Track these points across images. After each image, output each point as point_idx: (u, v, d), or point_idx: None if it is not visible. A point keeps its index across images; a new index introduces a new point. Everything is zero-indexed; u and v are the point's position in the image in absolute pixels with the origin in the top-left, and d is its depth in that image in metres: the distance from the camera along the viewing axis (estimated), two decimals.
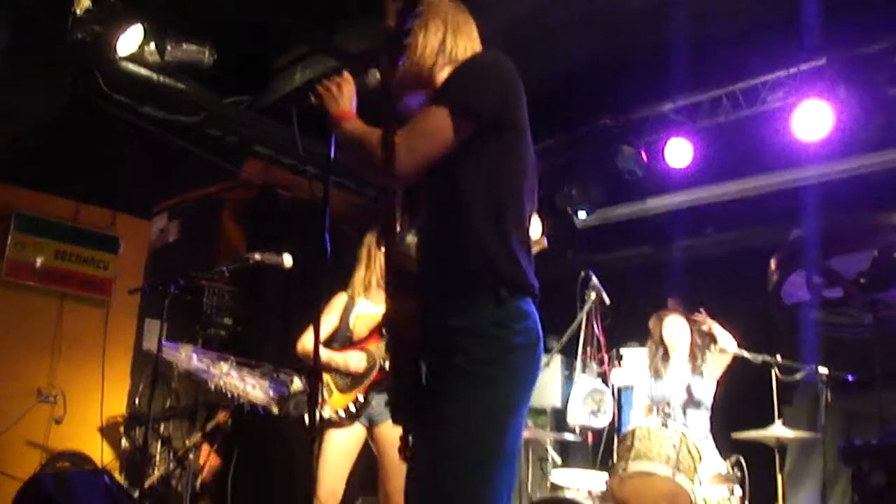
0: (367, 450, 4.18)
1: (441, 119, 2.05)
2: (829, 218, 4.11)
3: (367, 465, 4.27)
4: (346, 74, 2.28)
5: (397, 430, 3.99)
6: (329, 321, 4.24)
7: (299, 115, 2.37)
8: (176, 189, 6.45)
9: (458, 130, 2.04)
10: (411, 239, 2.11)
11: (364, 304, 4.25)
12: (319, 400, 4.03)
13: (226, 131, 5.82)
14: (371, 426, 4.07)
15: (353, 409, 4.01)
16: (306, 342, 4.19)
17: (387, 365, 3.98)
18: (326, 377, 4.09)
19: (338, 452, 3.98)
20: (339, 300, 4.27)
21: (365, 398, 4.02)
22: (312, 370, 2.27)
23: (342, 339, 4.18)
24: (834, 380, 4.39)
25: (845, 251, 2.26)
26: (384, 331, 3.98)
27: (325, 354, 4.08)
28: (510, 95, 2.13)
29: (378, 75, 2.30)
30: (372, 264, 4.25)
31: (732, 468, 4.33)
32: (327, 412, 4.00)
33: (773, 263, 2.43)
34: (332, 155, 2.20)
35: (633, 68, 5.67)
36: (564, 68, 5.56)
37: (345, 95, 2.23)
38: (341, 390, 4.03)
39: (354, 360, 4.07)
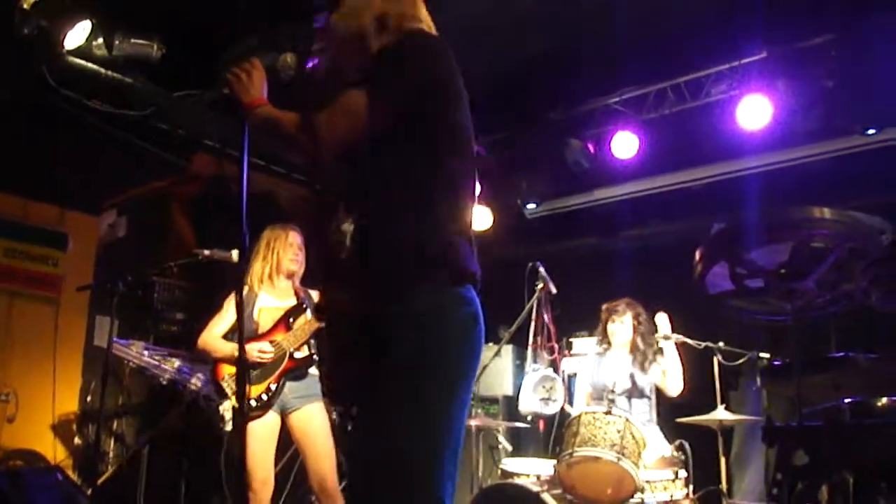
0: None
1: (361, 102, 2.05)
2: (750, 211, 4.24)
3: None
4: (256, 61, 2.31)
5: (313, 415, 4.09)
6: (228, 317, 4.25)
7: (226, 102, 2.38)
8: (125, 184, 6.40)
9: (378, 116, 2.04)
10: (347, 227, 2.11)
11: (265, 298, 4.27)
12: (230, 392, 4.06)
13: (175, 125, 5.81)
14: (284, 414, 4.11)
15: (265, 398, 4.03)
16: (206, 338, 4.23)
17: (296, 354, 4.12)
18: (234, 370, 4.07)
19: (258, 440, 3.99)
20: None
21: (277, 387, 4.06)
22: (238, 360, 2.31)
23: (248, 332, 4.15)
24: (766, 365, 4.55)
25: (765, 243, 2.35)
26: (314, 317, 4.06)
27: (231, 347, 4.13)
28: (438, 86, 2.10)
29: (290, 60, 2.33)
30: (270, 256, 4.29)
31: (676, 451, 4.44)
32: (234, 404, 4.00)
33: (697, 255, 2.52)
34: (246, 144, 2.22)
35: (581, 62, 5.76)
36: (513, 63, 5.63)
37: (255, 83, 2.27)
38: (252, 382, 4.03)
39: (261, 351, 4.08)
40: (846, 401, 2.51)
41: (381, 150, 2.06)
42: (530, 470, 4.59)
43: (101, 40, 5.10)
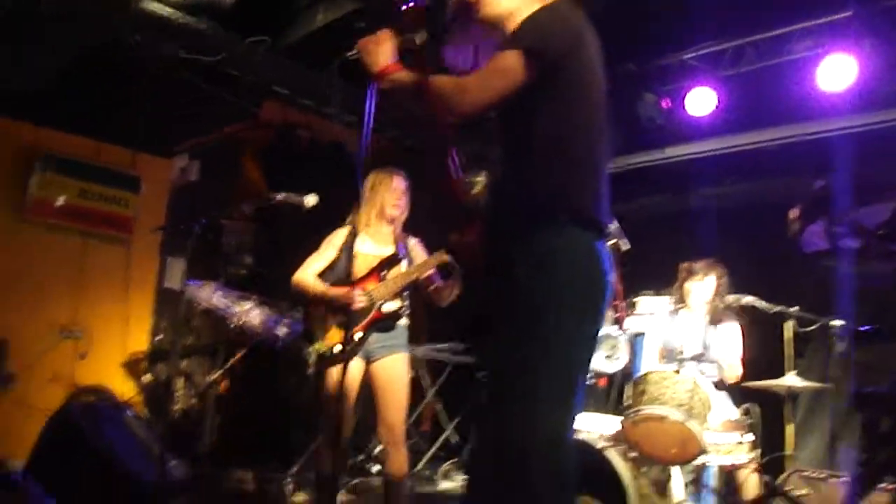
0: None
1: (512, 60, 2.19)
2: (853, 170, 4.08)
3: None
4: (389, 31, 2.38)
5: (394, 366, 4.16)
6: (327, 254, 4.25)
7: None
8: (197, 129, 6.46)
9: (527, 71, 2.17)
10: (479, 178, 2.26)
11: (365, 242, 4.25)
12: (318, 336, 4.07)
13: (245, 72, 5.82)
14: (368, 362, 4.13)
15: (349, 346, 4.03)
16: (302, 275, 4.22)
17: (384, 307, 4.09)
18: (323, 313, 4.11)
19: (340, 384, 4.02)
20: (339, 235, 4.28)
21: (362, 336, 4.07)
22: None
23: (342, 276, 4.17)
24: (848, 331, 4.42)
25: (867, 202, 2.27)
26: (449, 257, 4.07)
27: (322, 288, 4.13)
28: (575, 45, 2.25)
29: (424, 37, 2.42)
30: (373, 199, 4.26)
31: (744, 415, 4.39)
32: (323, 348, 4.03)
33: (793, 212, 2.44)
34: (371, 107, 2.34)
35: (658, 14, 5.60)
36: (588, 12, 5.50)
37: (385, 52, 2.34)
38: (339, 327, 4.06)
39: (353, 298, 4.05)
40: None
41: (525, 105, 2.21)
42: (593, 426, 4.58)
43: None
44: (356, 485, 5.65)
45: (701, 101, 6.09)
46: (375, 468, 5.89)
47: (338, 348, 4.02)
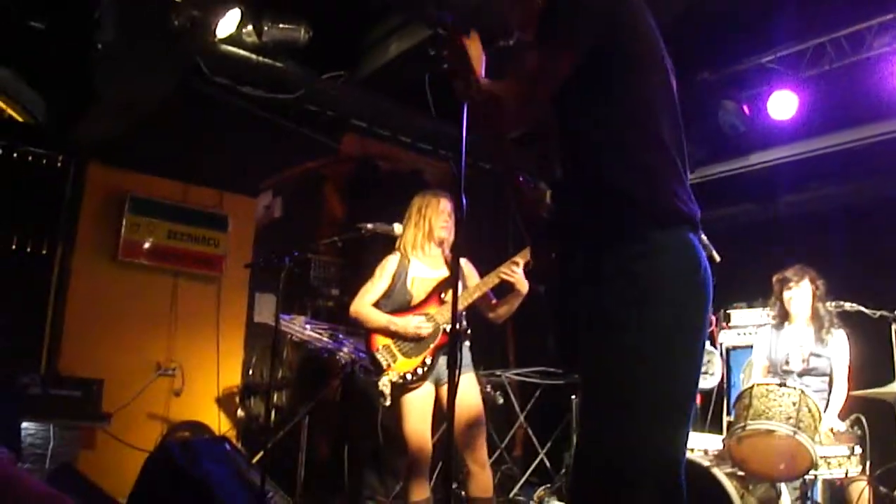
0: None
1: (543, 59, 2.02)
2: None
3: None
4: (473, 33, 2.19)
5: (465, 386, 4.10)
6: (381, 283, 4.22)
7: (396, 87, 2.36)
8: (279, 166, 6.60)
9: (560, 67, 1.98)
10: (544, 187, 2.09)
11: (418, 266, 4.23)
12: (385, 365, 4.04)
13: (324, 107, 5.93)
14: (438, 385, 4.11)
15: (420, 371, 4.02)
16: (359, 307, 4.20)
17: (448, 328, 4.03)
18: (388, 342, 4.09)
19: (414, 411, 4.02)
20: (391, 262, 4.24)
21: (432, 361, 4.05)
22: (451, 330, 2.25)
23: (401, 302, 4.17)
24: None
25: None
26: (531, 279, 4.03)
27: (386, 319, 4.10)
28: (609, 21, 2.00)
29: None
30: (421, 222, 4.23)
31: (852, 427, 4.24)
32: (394, 377, 4.01)
33: None
34: (466, 125, 2.17)
35: (731, 18, 5.51)
36: (662, 21, 5.44)
37: (475, 57, 2.15)
38: (406, 355, 4.05)
39: (413, 326, 4.06)
40: None
41: (574, 97, 2.00)
42: (695, 444, 4.48)
43: (250, 27, 5.25)
44: None
45: (783, 104, 5.96)
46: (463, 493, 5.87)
47: (409, 376, 4.02)
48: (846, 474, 4.09)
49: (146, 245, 6.13)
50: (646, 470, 1.86)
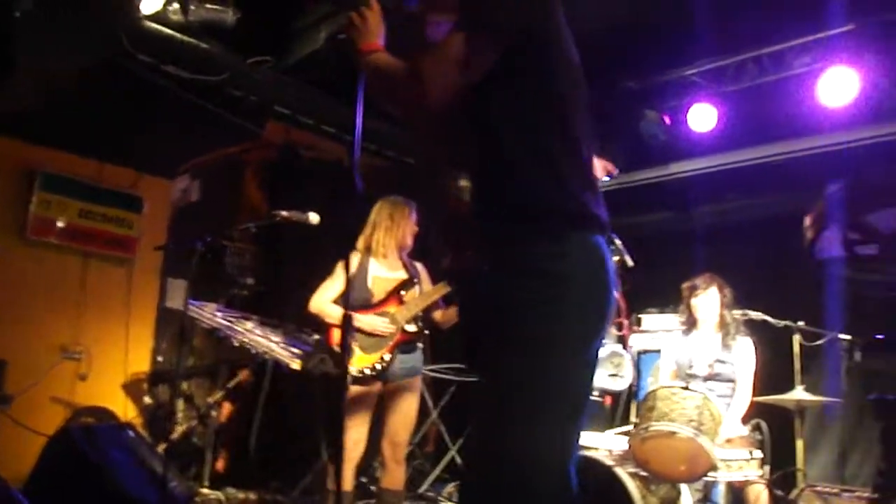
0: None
1: (460, 45, 1.90)
2: (865, 175, 4.06)
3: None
4: (374, 3, 2.16)
5: (411, 387, 4.19)
6: (341, 280, 4.29)
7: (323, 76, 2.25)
8: (198, 150, 6.45)
9: (481, 55, 1.91)
10: (465, 182, 2.05)
11: (376, 266, 4.35)
12: (337, 359, 4.15)
13: (248, 92, 5.82)
14: (386, 383, 4.23)
15: (378, 367, 4.15)
16: (319, 303, 4.30)
17: (407, 328, 4.20)
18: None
19: (361, 405, 4.14)
20: (351, 260, 4.30)
21: (390, 358, 4.17)
22: (344, 324, 2.26)
23: (361, 300, 4.25)
24: (858, 341, 4.40)
25: (881, 206, 2.24)
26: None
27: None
28: (529, 17, 1.95)
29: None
30: (395, 230, 4.35)
31: (753, 431, 4.35)
32: (353, 371, 4.10)
33: (807, 219, 2.41)
34: (362, 99, 2.10)
35: (657, 31, 5.60)
36: (586, 29, 5.49)
37: (371, 27, 2.12)
38: (365, 350, 4.14)
39: (381, 324, 4.18)
40: None
41: (486, 93, 1.95)
42: (600, 444, 4.54)
43: (176, 5, 5.13)
44: None
45: (703, 117, 6.09)
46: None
47: (367, 372, 4.12)
48: (745, 477, 4.20)
49: (57, 224, 5.91)
50: (537, 475, 1.83)
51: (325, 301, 4.29)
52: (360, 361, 4.12)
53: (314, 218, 4.16)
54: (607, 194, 6.44)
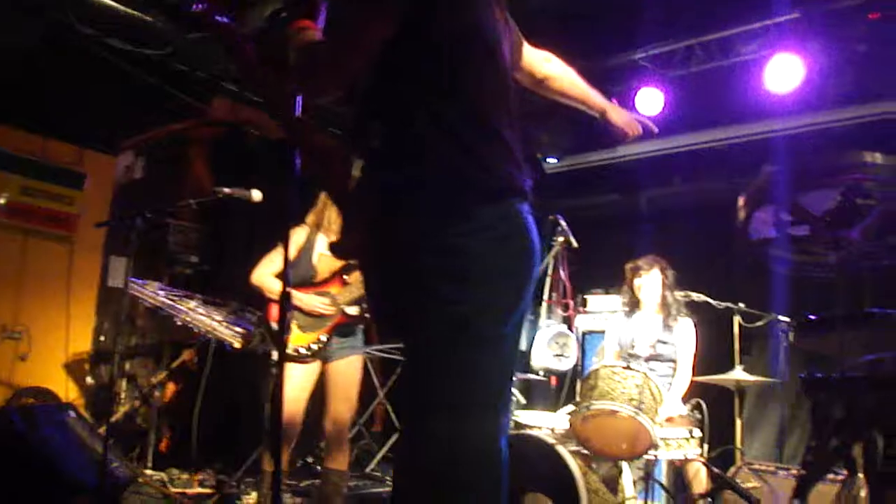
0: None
1: (360, 15, 1.87)
2: (800, 158, 4.14)
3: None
4: None
5: (351, 367, 4.11)
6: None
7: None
8: (144, 125, 6.34)
9: (376, 27, 1.85)
10: (354, 157, 1.98)
11: (323, 243, 4.25)
12: (274, 335, 4.07)
13: (194, 67, 5.72)
14: (325, 362, 4.16)
15: (314, 347, 4.08)
16: (261, 276, 4.19)
17: (348, 310, 4.12)
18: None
19: (296, 385, 4.05)
20: (298, 235, 4.23)
21: (327, 339, 4.10)
22: (282, 299, 2.17)
23: (304, 276, 4.18)
24: (795, 321, 4.48)
25: (813, 188, 2.28)
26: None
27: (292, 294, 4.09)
28: None
29: None
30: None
31: (692, 411, 4.42)
32: (289, 349, 4.01)
33: (741, 199, 2.45)
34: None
35: (607, 15, 5.63)
36: (537, 11, 5.50)
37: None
38: (302, 329, 4.07)
39: (320, 304, 4.10)
40: (889, 355, 2.46)
41: (387, 67, 1.88)
42: (543, 422, 4.57)
43: None
44: (305, 487, 5.59)
45: (650, 101, 6.13)
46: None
47: (303, 351, 4.05)
48: (685, 456, 4.27)
49: None
50: (466, 456, 1.81)
51: (266, 274, 4.18)
52: (297, 340, 4.04)
53: (256, 195, 4.07)
54: (555, 177, 6.53)
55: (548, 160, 7.04)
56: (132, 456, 5.51)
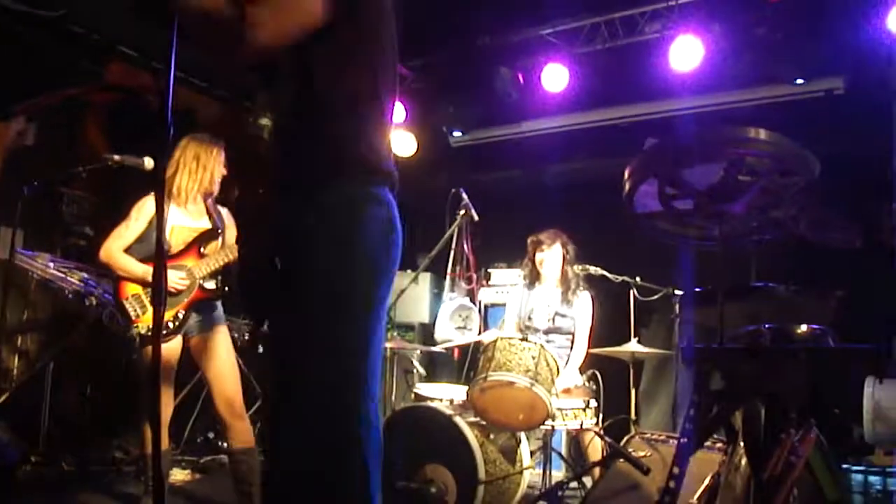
0: None
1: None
2: (682, 129, 4.24)
3: None
4: None
5: (218, 339, 3.92)
6: (136, 226, 3.95)
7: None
8: (36, 90, 6.05)
9: (326, 9, 1.91)
10: (265, 122, 1.98)
11: (178, 215, 3.99)
12: (133, 315, 3.86)
13: (90, 29, 5.50)
14: (186, 339, 3.97)
15: (171, 325, 3.87)
16: (111, 250, 3.93)
17: (206, 285, 3.92)
18: (139, 291, 3.89)
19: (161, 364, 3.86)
20: (149, 204, 3.93)
21: (184, 315, 3.90)
22: (155, 271, 2.08)
23: (154, 248, 3.97)
24: (683, 294, 4.61)
25: (696, 162, 2.33)
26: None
27: (141, 269, 3.87)
28: None
29: None
30: (199, 172, 3.97)
31: (588, 382, 4.51)
32: (143, 329, 3.84)
33: (627, 171, 2.48)
34: (175, 41, 1.96)
35: None
36: None
37: None
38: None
39: (176, 279, 3.87)
40: (767, 326, 2.55)
41: (310, 43, 1.94)
42: (443, 395, 4.61)
43: None
44: (204, 463, 5.50)
45: (555, 77, 6.18)
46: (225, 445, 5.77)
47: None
48: (581, 425, 4.35)
49: None
50: (345, 431, 1.86)
51: (115, 249, 3.92)
52: (150, 318, 3.86)
53: (149, 163, 3.89)
54: (460, 150, 6.50)
55: (453, 134, 7.04)
56: (23, 434, 5.31)
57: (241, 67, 2.08)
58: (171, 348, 3.89)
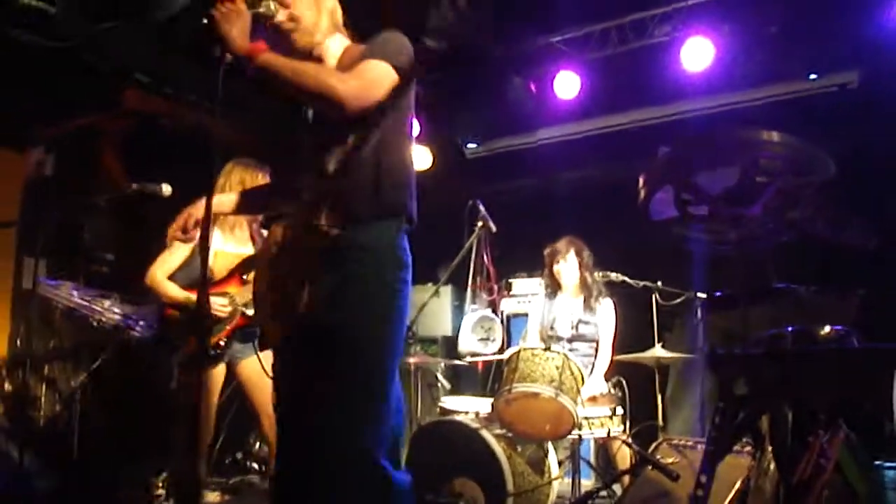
0: None
1: (386, 71, 2.26)
2: (696, 135, 4.22)
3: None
4: (241, 5, 2.22)
5: (259, 365, 3.94)
6: (180, 252, 3.96)
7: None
8: (52, 119, 6.12)
9: (394, 84, 2.26)
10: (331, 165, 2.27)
11: (222, 241, 4.02)
12: (179, 342, 3.89)
13: (104, 58, 5.55)
14: (230, 364, 3.97)
15: (213, 352, 3.86)
16: (155, 277, 3.95)
17: (248, 312, 3.89)
18: (182, 319, 3.90)
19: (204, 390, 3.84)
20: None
21: (226, 342, 3.90)
22: (199, 298, 2.24)
23: (199, 276, 3.98)
24: (707, 299, 4.58)
25: (712, 166, 2.33)
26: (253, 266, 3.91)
27: (183, 296, 3.88)
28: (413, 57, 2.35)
29: (273, 7, 2.32)
30: None
31: (614, 389, 4.49)
32: (184, 357, 3.87)
33: (641, 179, 2.48)
34: (220, 86, 2.10)
35: None
36: None
37: (241, 27, 2.18)
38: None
39: (217, 306, 3.85)
40: (789, 329, 2.53)
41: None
42: (469, 408, 4.60)
43: None
44: (233, 484, 5.52)
45: (567, 84, 6.18)
46: (255, 466, 5.80)
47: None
48: (608, 433, 4.33)
49: None
50: (349, 462, 2.13)
51: (160, 276, 3.94)
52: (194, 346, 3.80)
53: (167, 189, 3.90)
54: (475, 161, 6.50)
55: (468, 145, 7.04)
56: (53, 463, 5.35)
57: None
58: (215, 376, 3.90)
